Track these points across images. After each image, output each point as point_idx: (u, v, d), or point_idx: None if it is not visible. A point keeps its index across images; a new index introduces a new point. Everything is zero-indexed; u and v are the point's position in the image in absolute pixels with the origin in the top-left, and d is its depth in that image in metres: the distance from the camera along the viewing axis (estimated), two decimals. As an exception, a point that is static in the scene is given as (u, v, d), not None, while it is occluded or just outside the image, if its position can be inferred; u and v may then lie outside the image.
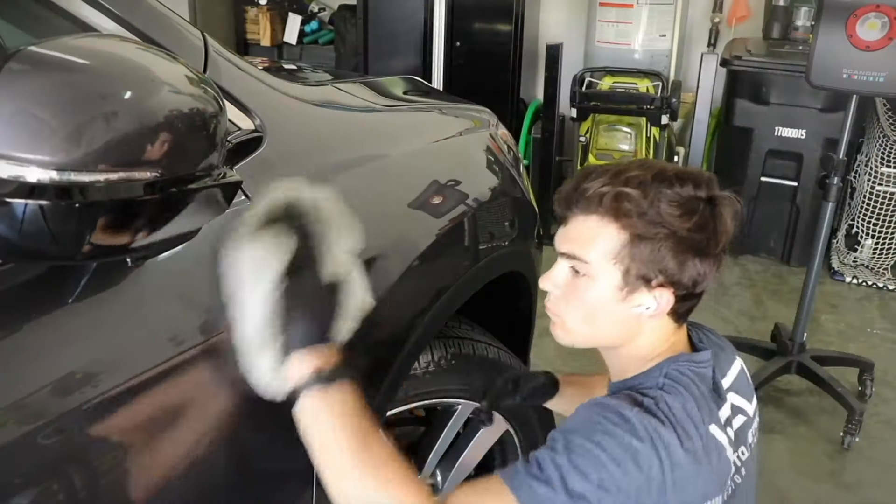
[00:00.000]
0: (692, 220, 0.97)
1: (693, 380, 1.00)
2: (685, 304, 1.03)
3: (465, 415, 1.47)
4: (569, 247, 1.02)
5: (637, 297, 1.00)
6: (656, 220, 0.96)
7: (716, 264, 1.01)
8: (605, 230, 0.98)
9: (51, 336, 0.75)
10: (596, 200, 0.98)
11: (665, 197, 0.96)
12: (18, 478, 0.71)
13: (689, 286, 0.99)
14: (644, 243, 0.96)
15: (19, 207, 0.65)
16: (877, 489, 2.22)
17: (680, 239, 0.96)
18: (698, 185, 0.99)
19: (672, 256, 0.97)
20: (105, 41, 0.76)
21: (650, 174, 0.98)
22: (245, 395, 0.94)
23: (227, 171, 0.81)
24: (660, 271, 0.97)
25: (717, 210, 0.99)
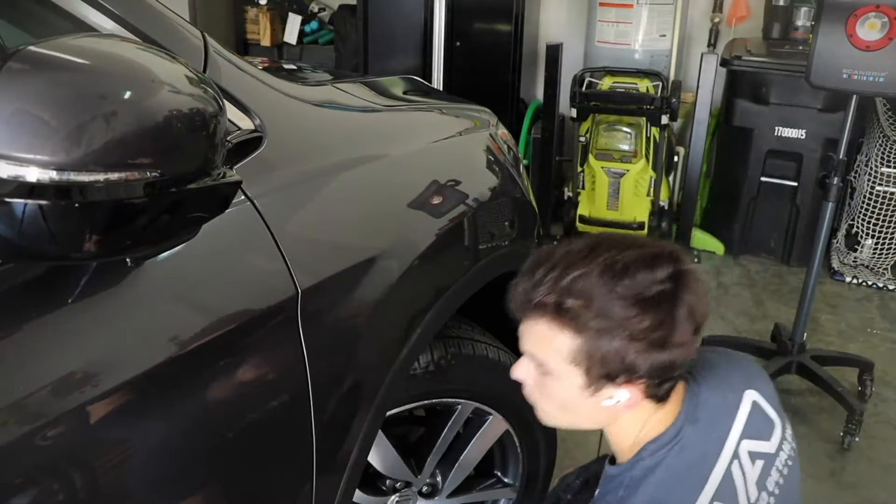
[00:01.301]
0: (648, 317, 0.90)
1: (655, 482, 0.98)
2: (661, 387, 0.98)
3: (465, 415, 1.48)
4: (528, 347, 1.00)
5: (605, 391, 0.96)
6: (609, 325, 0.90)
7: (686, 349, 0.94)
8: (558, 336, 0.94)
9: (51, 336, 0.75)
10: (541, 309, 0.94)
11: (616, 296, 0.90)
12: (18, 478, 0.71)
13: (660, 375, 0.95)
14: (600, 345, 0.92)
15: (19, 207, 0.65)
16: (877, 489, 2.22)
17: (639, 339, 0.91)
18: (655, 267, 0.92)
19: (634, 355, 0.91)
20: (105, 41, 0.76)
21: (597, 270, 0.91)
22: (245, 394, 0.95)
23: (227, 171, 0.81)
24: (622, 370, 0.93)
25: (679, 294, 0.92)
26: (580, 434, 2.34)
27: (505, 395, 1.52)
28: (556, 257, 0.96)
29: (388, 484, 1.44)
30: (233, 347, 0.92)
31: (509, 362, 1.52)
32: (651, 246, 0.95)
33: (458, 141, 1.54)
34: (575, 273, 0.92)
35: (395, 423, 1.41)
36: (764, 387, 1.11)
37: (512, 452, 1.62)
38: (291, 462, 1.05)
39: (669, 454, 1.00)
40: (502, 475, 1.65)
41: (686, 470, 0.99)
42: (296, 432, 1.04)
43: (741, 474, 1.02)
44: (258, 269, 0.98)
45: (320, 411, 1.04)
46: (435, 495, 1.53)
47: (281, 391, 1.00)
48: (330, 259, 1.08)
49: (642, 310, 0.90)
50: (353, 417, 1.13)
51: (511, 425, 1.55)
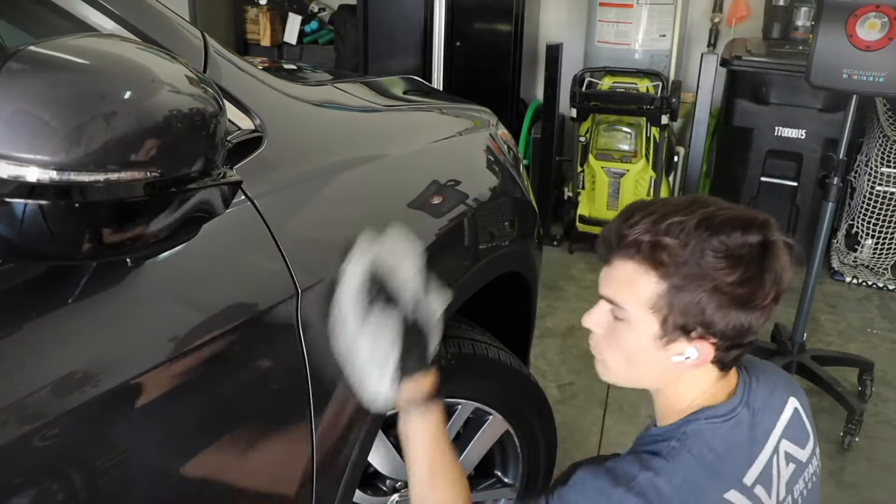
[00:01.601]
0: (737, 272, 0.91)
1: (709, 442, 0.96)
2: (730, 353, 0.97)
3: (466, 415, 1.48)
4: (608, 291, 0.98)
5: (676, 346, 0.95)
6: (697, 272, 0.91)
7: (764, 315, 0.95)
8: (642, 278, 0.93)
9: (51, 336, 0.75)
10: (634, 247, 0.94)
11: (709, 247, 0.91)
12: (18, 478, 0.71)
13: (733, 338, 0.94)
14: (683, 294, 0.91)
15: (19, 207, 0.65)
16: (877, 489, 2.22)
17: (723, 292, 0.91)
18: (748, 231, 0.93)
19: (714, 310, 0.91)
20: (105, 41, 0.76)
21: (694, 220, 0.92)
22: (245, 394, 0.95)
23: (227, 171, 0.81)
24: (699, 324, 0.93)
25: (767, 260, 0.93)
26: (580, 434, 2.34)
27: (505, 395, 1.52)
28: (655, 205, 0.97)
29: (388, 484, 1.44)
30: (233, 347, 0.92)
31: (509, 362, 1.52)
32: (747, 211, 0.97)
33: (458, 141, 1.54)
34: (673, 219, 0.93)
35: (395, 424, 1.41)
36: (803, 399, 1.11)
37: (512, 452, 1.62)
38: (291, 462, 1.05)
39: (724, 426, 0.98)
40: (502, 475, 1.65)
41: (737, 446, 0.99)
42: (296, 432, 1.04)
43: (777, 470, 1.02)
44: (258, 269, 0.98)
45: (320, 411, 1.04)
46: None
47: (281, 391, 1.00)
48: (330, 259, 1.08)
49: (732, 264, 0.91)
50: (353, 417, 1.13)
51: (511, 425, 1.55)
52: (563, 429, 1.72)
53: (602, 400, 2.54)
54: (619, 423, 2.43)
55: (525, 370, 1.59)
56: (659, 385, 1.03)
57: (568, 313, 3.15)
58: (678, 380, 1.01)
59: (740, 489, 0.96)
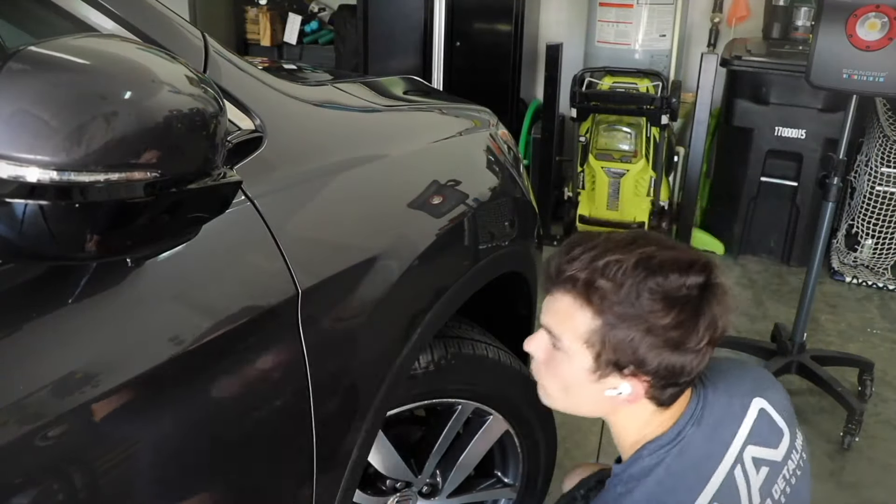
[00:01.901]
0: (670, 315, 0.92)
1: (652, 479, 0.99)
2: (665, 391, 0.99)
3: (465, 415, 1.48)
4: (547, 320, 1.01)
5: (610, 380, 0.98)
6: (631, 312, 0.92)
7: (698, 358, 0.96)
8: (578, 313, 0.96)
9: (51, 336, 0.75)
10: (570, 283, 0.96)
11: (645, 288, 0.92)
12: (18, 478, 0.71)
13: (666, 377, 0.96)
14: (616, 332, 0.94)
15: (19, 207, 0.65)
16: (877, 489, 2.22)
17: (656, 334, 0.93)
18: (686, 273, 0.93)
19: (646, 349, 0.93)
20: (105, 41, 0.76)
21: (632, 260, 0.94)
22: (245, 394, 0.95)
23: (227, 171, 0.81)
24: (632, 362, 0.95)
25: (704, 303, 0.94)
26: (580, 434, 2.34)
27: (505, 395, 1.52)
28: (597, 240, 0.99)
29: (389, 484, 1.44)
30: (233, 347, 0.92)
31: (509, 362, 1.52)
32: (689, 252, 0.98)
33: (458, 141, 1.54)
34: (611, 257, 0.95)
35: (395, 423, 1.41)
36: (774, 395, 1.11)
37: (512, 452, 1.62)
38: (291, 462, 1.05)
39: (669, 455, 1.00)
40: (502, 475, 1.65)
41: (685, 471, 1.00)
42: (296, 432, 1.04)
43: (744, 480, 1.02)
44: (258, 269, 0.98)
45: (320, 411, 1.04)
46: (435, 495, 1.53)
47: (281, 391, 1.00)
48: (330, 259, 1.08)
49: (667, 307, 0.92)
50: (353, 417, 1.13)
51: (511, 425, 1.55)
52: (563, 429, 1.72)
53: (602, 400, 2.54)
54: (619, 423, 2.43)
55: (525, 370, 1.59)
56: (597, 415, 1.06)
57: (568, 313, 3.14)
58: (615, 413, 1.03)
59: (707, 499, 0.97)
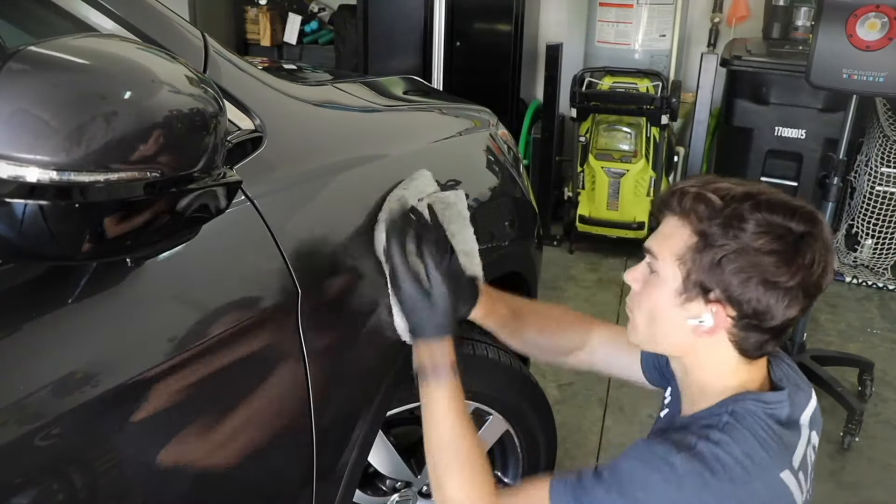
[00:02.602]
0: (765, 239, 0.91)
1: (761, 421, 0.95)
2: (749, 335, 0.96)
3: (465, 415, 1.47)
4: (649, 242, 1.01)
5: (694, 306, 0.96)
6: (727, 232, 0.91)
7: (788, 301, 0.92)
8: (679, 231, 0.96)
9: (51, 336, 0.75)
10: (679, 198, 0.96)
11: (749, 216, 0.92)
12: (18, 478, 0.71)
13: (751, 314, 0.93)
14: (708, 251, 0.92)
15: (19, 207, 0.65)
16: (877, 489, 2.22)
17: (747, 255, 0.91)
18: (791, 217, 0.92)
19: (734, 272, 0.91)
20: (105, 41, 0.76)
21: (741, 190, 0.95)
22: (245, 394, 0.95)
23: (227, 171, 0.81)
24: (718, 285, 0.93)
25: (803, 245, 0.92)
26: (580, 434, 2.34)
27: (505, 395, 1.52)
28: (716, 177, 0.99)
29: (388, 484, 1.44)
30: (233, 347, 0.92)
31: (509, 362, 1.52)
32: (799, 202, 0.97)
33: (458, 141, 1.54)
34: (722, 184, 0.96)
35: (395, 423, 1.41)
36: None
37: (512, 452, 1.62)
38: (291, 462, 1.05)
39: (773, 412, 0.98)
40: (502, 475, 1.65)
41: (784, 431, 0.98)
42: (296, 432, 1.04)
43: (809, 460, 1.02)
44: (258, 269, 0.98)
45: (320, 411, 1.04)
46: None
47: (281, 391, 1.00)
48: (330, 259, 1.08)
49: (764, 232, 0.91)
50: (354, 417, 1.13)
51: (511, 425, 1.55)
52: (563, 429, 1.72)
53: (602, 400, 2.54)
54: (618, 423, 2.43)
55: (525, 370, 1.59)
56: (675, 350, 1.03)
57: (568, 313, 3.14)
58: (697, 352, 1.00)
59: (792, 471, 0.96)
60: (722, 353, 0.99)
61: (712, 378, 1.01)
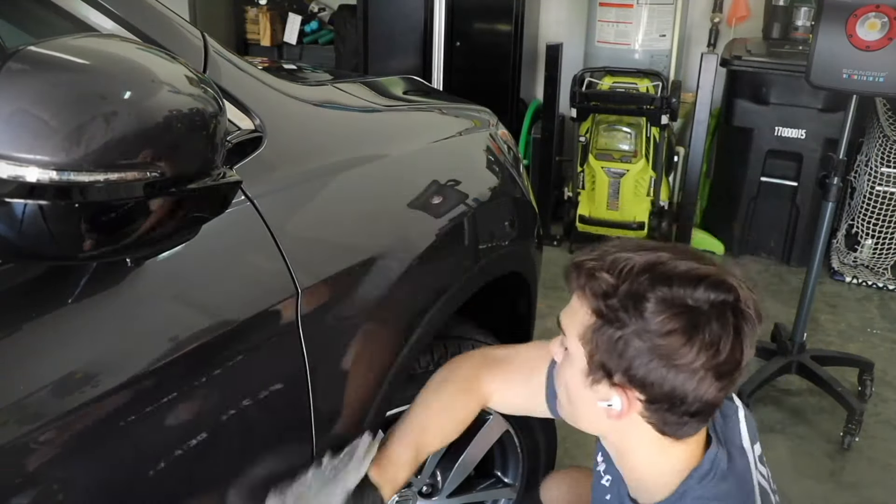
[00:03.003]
0: (664, 317, 0.84)
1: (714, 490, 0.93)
2: (665, 417, 0.90)
3: (465, 415, 1.47)
4: (561, 317, 0.97)
5: (602, 388, 0.91)
6: (623, 315, 0.85)
7: (696, 382, 0.85)
8: (582, 309, 0.91)
9: (51, 336, 0.75)
10: (576, 275, 0.92)
11: (647, 291, 0.85)
12: (18, 478, 0.71)
13: (660, 399, 0.87)
14: (607, 330, 0.87)
15: (19, 207, 0.65)
16: (877, 489, 2.22)
17: (644, 338, 0.85)
18: (695, 286, 0.85)
19: (634, 354, 0.85)
20: (105, 41, 0.76)
21: (642, 261, 0.87)
22: (245, 394, 0.95)
23: (227, 171, 0.81)
24: (621, 368, 0.87)
25: (706, 320, 0.85)
26: (580, 434, 2.33)
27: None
28: (625, 243, 0.95)
29: (388, 484, 1.44)
30: (233, 347, 0.92)
31: (509, 362, 1.52)
32: (710, 269, 0.89)
33: (458, 141, 1.54)
34: (622, 255, 0.90)
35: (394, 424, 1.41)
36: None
37: (512, 452, 1.62)
38: (292, 462, 1.05)
39: (715, 478, 0.95)
40: (502, 475, 1.65)
41: (733, 477, 0.96)
42: (296, 432, 1.04)
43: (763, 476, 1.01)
44: (258, 269, 0.98)
45: (320, 411, 1.04)
46: (435, 495, 1.53)
47: (281, 391, 1.00)
48: (330, 259, 1.08)
49: (661, 311, 0.84)
50: (354, 417, 1.13)
51: (511, 425, 1.55)
52: (562, 429, 1.71)
53: (602, 400, 2.54)
54: (619, 423, 2.43)
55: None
56: (597, 431, 1.00)
57: (568, 313, 3.14)
58: (622, 435, 0.96)
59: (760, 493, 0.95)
60: (645, 435, 0.93)
61: (646, 464, 0.97)
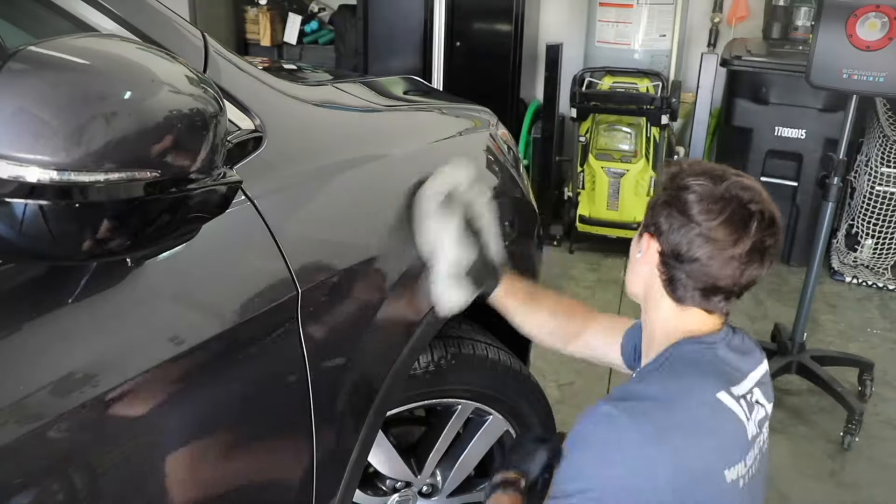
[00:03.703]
0: (693, 182, 1.03)
1: (696, 356, 1.06)
2: (669, 270, 1.07)
3: (465, 415, 1.48)
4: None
5: (642, 242, 1.10)
6: (671, 182, 1.06)
7: (704, 240, 1.03)
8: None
9: (51, 336, 0.75)
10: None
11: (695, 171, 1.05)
12: (18, 478, 0.71)
13: (671, 248, 1.05)
14: (657, 198, 1.09)
15: (19, 207, 0.65)
16: (877, 489, 2.22)
17: (675, 193, 1.05)
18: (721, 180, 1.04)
19: (661, 207, 1.06)
20: (105, 41, 0.76)
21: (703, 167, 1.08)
22: (245, 394, 0.95)
23: (227, 171, 0.81)
24: (652, 221, 1.08)
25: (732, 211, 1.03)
26: (580, 434, 2.34)
27: (505, 395, 1.52)
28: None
29: (388, 484, 1.44)
30: (233, 347, 0.92)
31: (509, 362, 1.52)
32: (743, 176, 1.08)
33: (458, 141, 1.54)
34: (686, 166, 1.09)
35: (395, 423, 1.41)
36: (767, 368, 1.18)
37: (512, 452, 1.62)
38: (292, 462, 1.05)
39: (708, 350, 1.07)
40: (502, 475, 1.65)
41: (721, 363, 1.07)
42: (296, 432, 1.04)
43: (753, 404, 1.08)
44: (258, 269, 0.98)
45: (320, 411, 1.04)
46: (435, 495, 1.53)
47: (281, 391, 1.00)
48: (330, 259, 1.08)
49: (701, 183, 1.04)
50: (354, 417, 1.13)
51: (511, 425, 1.55)
52: (562, 429, 1.72)
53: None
54: (619, 423, 2.43)
55: (525, 370, 1.59)
56: (634, 292, 1.16)
57: (568, 313, 3.14)
58: (647, 299, 1.13)
59: (731, 396, 1.03)
60: (663, 300, 1.11)
61: (658, 324, 1.13)
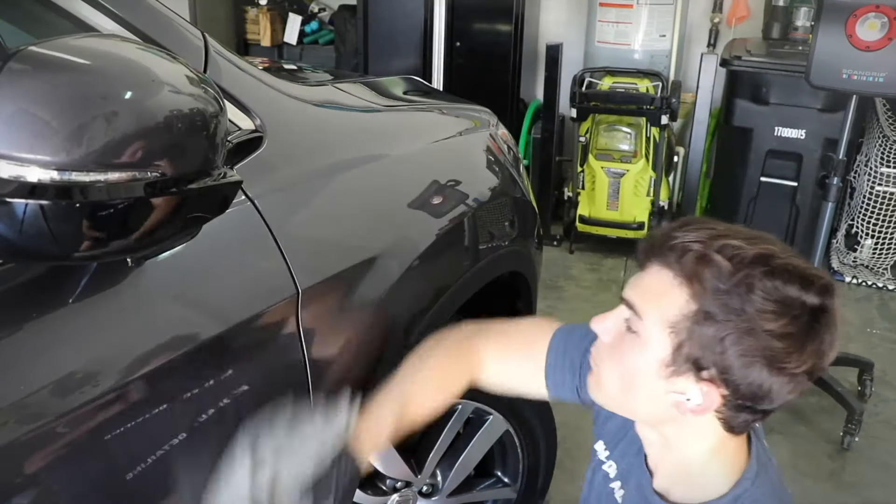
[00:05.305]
0: (779, 322, 0.79)
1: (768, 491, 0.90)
2: (740, 415, 0.85)
3: (466, 415, 1.48)
4: (631, 295, 0.87)
5: (681, 381, 0.83)
6: (735, 307, 0.79)
7: (791, 385, 0.81)
8: (674, 291, 0.82)
9: (51, 336, 0.75)
10: (678, 253, 0.82)
11: (761, 286, 0.79)
12: (18, 478, 0.71)
13: (747, 397, 0.82)
14: (710, 324, 0.80)
15: (20, 207, 0.65)
16: (877, 489, 2.22)
17: (755, 338, 0.79)
18: (807, 289, 0.80)
19: (737, 354, 0.79)
20: (105, 41, 0.76)
21: (754, 252, 0.80)
22: (245, 394, 0.95)
23: (227, 171, 0.81)
24: (715, 364, 0.81)
25: (817, 326, 0.80)
26: (580, 434, 2.33)
27: (505, 395, 1.52)
28: (718, 224, 0.86)
29: (388, 484, 1.44)
30: (233, 347, 0.92)
31: (509, 362, 1.52)
32: (812, 268, 0.83)
33: (458, 141, 1.54)
34: (734, 241, 0.81)
35: (395, 423, 1.41)
36: None
37: (512, 452, 1.62)
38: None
39: (761, 475, 0.92)
40: (502, 475, 1.65)
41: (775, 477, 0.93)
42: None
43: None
44: (258, 269, 0.98)
45: (320, 410, 1.04)
46: (435, 495, 1.53)
47: (281, 391, 1.00)
48: (330, 259, 1.08)
49: (778, 311, 0.79)
50: (354, 417, 1.13)
51: (511, 425, 1.55)
52: (563, 429, 1.72)
53: (602, 400, 2.54)
54: (619, 423, 2.43)
55: (525, 370, 1.59)
56: (650, 421, 0.93)
57: (568, 313, 3.15)
58: (676, 424, 0.89)
59: None
60: (707, 430, 0.89)
61: (697, 455, 0.91)
